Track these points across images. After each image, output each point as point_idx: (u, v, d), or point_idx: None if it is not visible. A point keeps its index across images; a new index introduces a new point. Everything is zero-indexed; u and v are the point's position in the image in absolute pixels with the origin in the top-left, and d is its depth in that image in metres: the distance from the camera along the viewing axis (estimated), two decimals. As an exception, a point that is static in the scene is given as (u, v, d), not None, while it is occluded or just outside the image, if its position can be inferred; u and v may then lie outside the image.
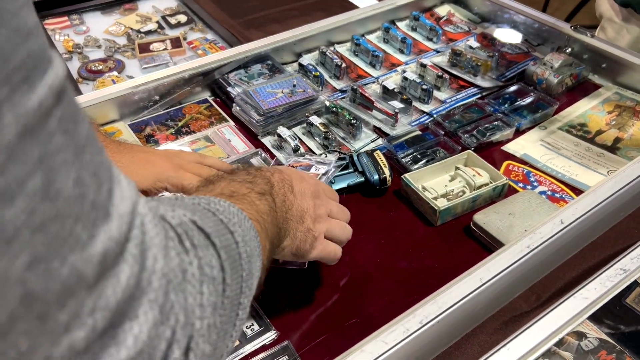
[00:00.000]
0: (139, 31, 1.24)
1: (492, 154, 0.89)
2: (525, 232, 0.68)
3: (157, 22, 1.28)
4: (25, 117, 0.22)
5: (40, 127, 0.22)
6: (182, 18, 1.30)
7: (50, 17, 1.28)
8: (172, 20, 1.28)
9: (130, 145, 0.72)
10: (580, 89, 1.04)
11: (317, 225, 0.58)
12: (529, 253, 0.63)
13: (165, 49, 1.16)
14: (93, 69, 1.10)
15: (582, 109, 0.98)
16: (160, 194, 0.69)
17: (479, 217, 0.73)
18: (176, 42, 1.18)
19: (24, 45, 0.22)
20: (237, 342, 0.61)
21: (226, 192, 0.48)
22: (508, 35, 1.17)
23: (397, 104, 0.94)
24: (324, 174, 0.76)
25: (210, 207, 0.40)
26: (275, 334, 0.62)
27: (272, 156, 0.88)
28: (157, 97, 0.96)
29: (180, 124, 0.95)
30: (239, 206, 0.44)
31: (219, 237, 0.37)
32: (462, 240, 0.74)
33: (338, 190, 0.78)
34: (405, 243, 0.73)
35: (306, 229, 0.57)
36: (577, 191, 0.81)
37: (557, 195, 0.81)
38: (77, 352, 0.24)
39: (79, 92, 1.00)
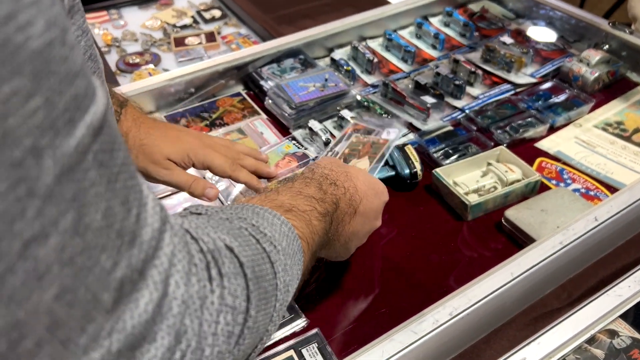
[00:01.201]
0: (174, 25, 1.26)
1: (525, 150, 0.88)
2: (558, 228, 0.67)
3: (192, 16, 1.30)
4: (63, 159, 0.22)
5: (77, 166, 0.22)
6: (217, 13, 1.32)
7: (90, 11, 1.32)
8: (207, 15, 1.31)
9: (164, 123, 0.74)
10: (618, 87, 1.01)
11: (357, 244, 0.61)
12: (561, 249, 0.62)
13: (200, 43, 1.18)
14: (130, 62, 1.13)
15: (619, 107, 0.97)
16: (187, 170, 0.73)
17: (511, 213, 0.73)
18: (210, 37, 1.20)
19: (71, 88, 0.22)
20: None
21: (286, 205, 0.47)
22: (542, 34, 1.15)
23: (429, 99, 0.94)
24: (393, 139, 0.79)
25: (256, 232, 0.39)
26: (305, 322, 0.63)
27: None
28: (192, 90, 0.98)
29: (214, 116, 0.97)
30: (293, 222, 0.44)
31: (254, 268, 0.36)
32: (492, 235, 0.74)
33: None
34: (435, 237, 0.74)
35: (345, 249, 0.60)
36: (612, 189, 0.80)
37: (592, 193, 0.80)
38: None
39: (117, 84, 1.03)
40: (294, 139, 0.91)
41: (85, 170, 0.23)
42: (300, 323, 0.63)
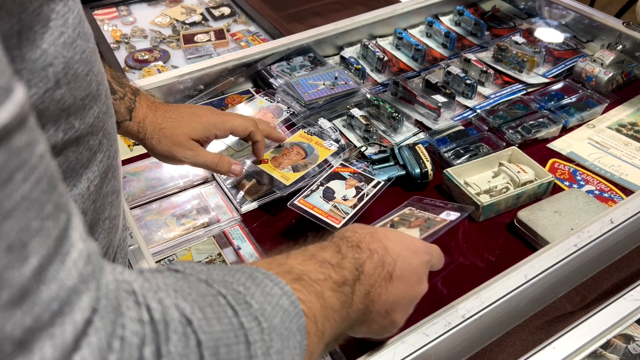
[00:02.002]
0: (183, 22, 1.26)
1: (537, 151, 0.87)
2: (572, 230, 0.66)
3: (202, 13, 1.30)
4: None
5: None
6: (226, 10, 1.31)
7: (100, 8, 1.32)
8: (216, 12, 1.30)
9: (177, 104, 0.75)
10: (632, 88, 1.00)
11: (403, 314, 0.49)
12: (576, 252, 0.61)
13: (209, 40, 1.18)
14: (139, 58, 1.12)
15: (633, 108, 0.95)
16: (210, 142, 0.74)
17: (524, 214, 0.72)
18: (220, 34, 1.20)
19: None
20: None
21: (296, 271, 0.39)
22: (550, 34, 1.13)
23: (440, 98, 0.93)
24: (452, 221, 0.65)
25: (237, 302, 0.32)
26: (314, 322, 0.62)
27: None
28: (201, 87, 0.98)
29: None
30: (299, 295, 0.36)
31: (218, 349, 0.28)
32: (504, 236, 0.73)
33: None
34: (446, 238, 0.72)
35: (390, 321, 0.48)
36: (627, 191, 0.79)
37: (606, 194, 0.78)
38: None
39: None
40: (265, 94, 0.95)
41: None
42: (309, 323, 0.62)
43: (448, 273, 0.68)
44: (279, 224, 0.77)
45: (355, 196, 0.72)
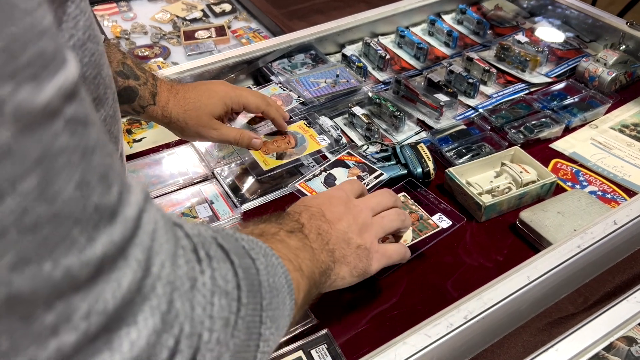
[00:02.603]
0: (184, 19, 1.25)
1: (540, 151, 0.86)
2: (575, 231, 0.66)
3: (202, 10, 1.29)
4: (26, 115, 0.21)
5: (43, 127, 0.21)
6: (227, 7, 1.30)
7: (100, 3, 1.31)
8: (217, 9, 1.29)
9: (192, 84, 0.79)
10: (635, 88, 0.99)
11: (365, 236, 0.55)
12: (579, 253, 0.61)
13: (210, 37, 1.17)
14: (140, 54, 1.12)
15: (636, 109, 0.95)
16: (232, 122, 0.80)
17: (526, 215, 0.71)
18: (221, 31, 1.19)
19: (36, 44, 0.21)
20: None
21: (256, 231, 0.47)
22: (551, 34, 1.13)
23: (442, 97, 0.92)
24: (444, 229, 0.71)
25: (234, 234, 0.39)
26: (315, 322, 0.61)
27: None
28: (202, 84, 0.97)
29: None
30: (269, 245, 0.42)
31: (239, 257, 0.35)
32: (506, 237, 0.72)
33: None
34: (448, 238, 0.72)
35: (355, 247, 0.54)
36: (630, 192, 0.78)
37: (608, 195, 0.78)
38: (66, 355, 0.23)
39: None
40: (280, 82, 0.96)
41: (54, 135, 0.22)
42: (309, 323, 0.61)
43: (449, 273, 0.67)
44: (280, 222, 0.76)
45: None
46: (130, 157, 0.86)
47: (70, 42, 0.34)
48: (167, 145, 0.88)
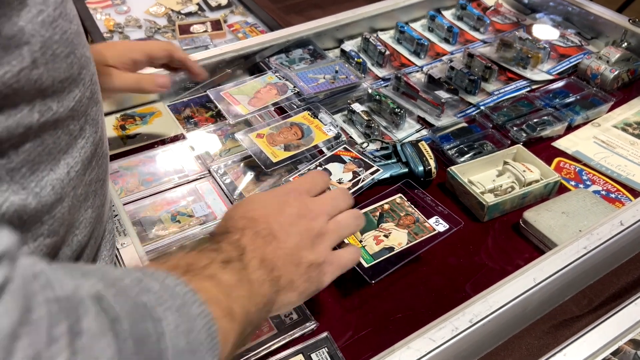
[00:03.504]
0: (179, 12, 1.23)
1: (542, 149, 0.85)
2: (580, 232, 0.64)
3: (198, 3, 1.27)
4: None
5: None
6: (223, 0, 1.28)
7: (92, -4, 1.28)
8: (213, 2, 1.27)
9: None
10: (637, 85, 0.98)
11: (319, 249, 0.48)
12: (585, 255, 0.59)
13: (205, 31, 1.15)
14: (133, 48, 1.09)
15: (639, 107, 0.93)
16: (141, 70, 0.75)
17: (530, 215, 0.70)
18: (216, 25, 1.17)
19: None
20: (275, 331, 0.59)
21: (182, 264, 0.38)
22: (545, 32, 1.11)
23: (443, 94, 0.90)
24: (440, 233, 0.67)
25: (140, 283, 0.32)
26: (315, 325, 0.60)
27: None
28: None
29: (218, 106, 0.93)
30: (194, 285, 0.35)
31: (132, 323, 0.28)
32: (510, 237, 0.71)
33: (380, 181, 0.76)
34: (450, 238, 0.70)
35: (306, 267, 0.46)
36: (634, 192, 0.77)
37: (612, 195, 0.76)
38: None
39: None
40: (277, 71, 0.94)
41: None
42: (309, 326, 0.60)
43: (452, 275, 0.65)
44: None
45: (350, 180, 0.72)
46: (125, 154, 0.84)
47: (39, 17, 0.32)
48: (162, 142, 0.86)
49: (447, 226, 0.68)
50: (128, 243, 0.61)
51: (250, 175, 0.80)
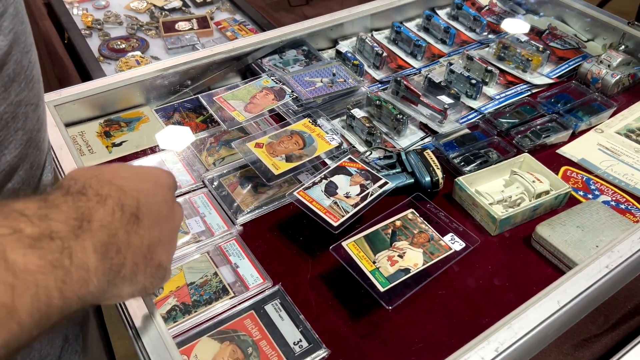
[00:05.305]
0: (162, 8, 1.16)
1: (547, 157, 0.83)
2: (598, 248, 0.62)
3: (182, -1, 1.20)
4: None
5: None
6: (208, -4, 1.22)
7: (68, -11, 1.20)
8: (198, -2, 1.21)
9: None
10: (638, 90, 0.97)
11: (170, 254, 0.42)
12: (608, 274, 0.57)
13: (191, 28, 1.09)
14: (115, 47, 1.03)
15: (640, 112, 0.92)
16: None
17: (543, 230, 0.67)
18: (203, 22, 1.11)
19: None
20: None
21: None
22: (515, 26, 1.09)
23: (445, 99, 0.87)
24: (457, 252, 0.64)
25: None
26: (326, 353, 0.56)
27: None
28: (188, 82, 0.89)
29: (210, 111, 0.88)
30: None
31: None
32: (522, 252, 0.68)
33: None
34: (465, 255, 0.67)
35: (156, 265, 0.39)
36: (644, 203, 0.75)
37: (622, 206, 0.75)
38: None
39: (103, 73, 0.93)
40: (272, 74, 0.89)
41: None
42: (321, 354, 0.56)
43: (470, 298, 0.62)
44: (281, 235, 0.70)
45: (358, 194, 0.67)
46: (109, 163, 0.78)
47: None
48: (152, 150, 0.81)
49: (464, 244, 0.65)
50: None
51: (248, 186, 0.75)
